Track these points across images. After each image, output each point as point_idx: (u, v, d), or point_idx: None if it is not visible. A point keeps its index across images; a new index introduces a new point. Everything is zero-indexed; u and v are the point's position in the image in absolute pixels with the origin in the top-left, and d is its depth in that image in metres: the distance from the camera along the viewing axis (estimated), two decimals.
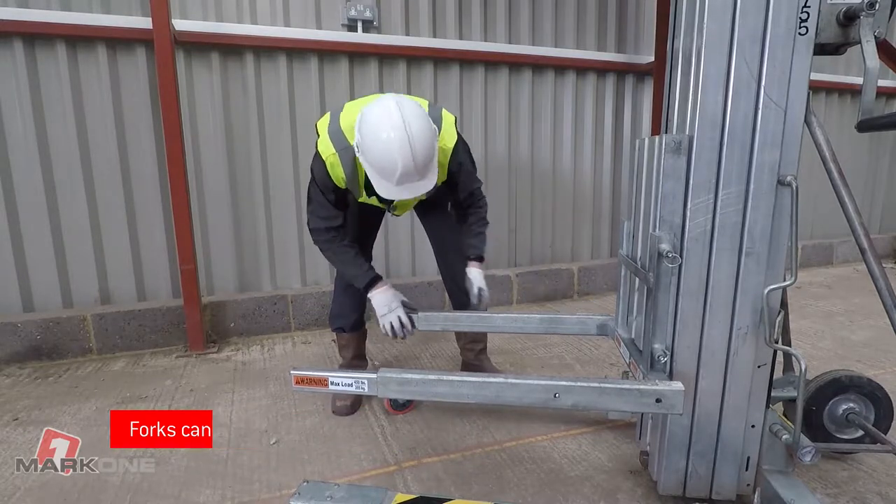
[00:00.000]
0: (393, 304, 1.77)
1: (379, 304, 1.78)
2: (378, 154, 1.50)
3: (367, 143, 1.51)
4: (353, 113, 1.66)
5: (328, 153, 1.68)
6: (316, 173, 1.75)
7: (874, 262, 1.14)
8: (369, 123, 1.51)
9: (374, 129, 1.50)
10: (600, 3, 3.66)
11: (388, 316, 1.76)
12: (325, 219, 1.80)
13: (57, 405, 2.09)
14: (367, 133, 1.51)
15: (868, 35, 1.14)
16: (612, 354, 2.57)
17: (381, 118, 1.49)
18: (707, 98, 1.17)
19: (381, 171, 1.53)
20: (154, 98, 2.71)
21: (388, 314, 1.76)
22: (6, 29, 2.43)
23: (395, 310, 1.76)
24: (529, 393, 1.19)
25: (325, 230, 1.81)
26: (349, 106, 1.76)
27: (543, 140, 3.66)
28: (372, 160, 1.53)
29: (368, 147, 1.51)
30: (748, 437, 1.31)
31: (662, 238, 1.22)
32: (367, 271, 1.81)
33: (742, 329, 1.25)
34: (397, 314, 1.76)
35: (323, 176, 1.73)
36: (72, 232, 2.70)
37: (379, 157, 1.50)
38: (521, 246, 3.75)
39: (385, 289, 1.80)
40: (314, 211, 1.82)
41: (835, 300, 3.59)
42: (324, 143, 1.71)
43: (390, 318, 1.76)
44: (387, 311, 1.76)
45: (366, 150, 1.53)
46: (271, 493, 1.52)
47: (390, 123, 1.47)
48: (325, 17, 3.01)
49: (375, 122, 1.50)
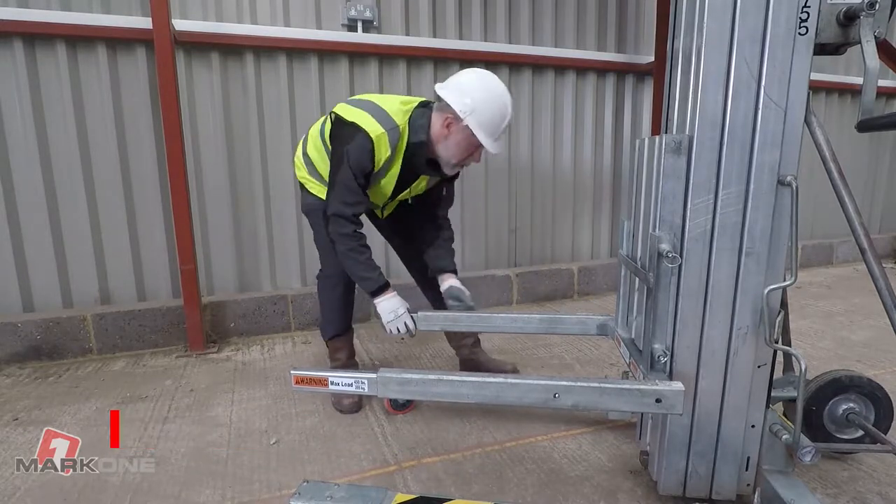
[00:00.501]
0: (399, 310, 1.84)
1: (385, 311, 1.84)
2: (496, 108, 1.74)
3: (483, 101, 1.72)
4: (393, 104, 1.81)
5: (378, 132, 1.74)
6: (353, 154, 1.75)
7: (874, 262, 1.14)
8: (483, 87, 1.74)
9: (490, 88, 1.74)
10: (600, 3, 3.66)
11: (395, 322, 1.83)
12: (352, 204, 1.80)
13: (57, 405, 2.09)
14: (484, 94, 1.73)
15: (868, 35, 1.14)
16: (612, 354, 2.57)
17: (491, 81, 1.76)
18: (707, 98, 1.17)
19: (493, 124, 1.75)
20: (154, 98, 2.71)
21: (394, 320, 1.83)
22: (6, 29, 2.43)
23: (402, 316, 1.83)
24: (529, 393, 1.19)
25: (350, 217, 1.80)
26: (383, 98, 1.86)
27: (543, 140, 3.66)
28: (489, 115, 1.73)
29: (486, 105, 1.72)
30: (748, 437, 1.31)
31: (662, 238, 1.22)
32: (379, 277, 1.84)
33: (742, 329, 1.25)
34: (404, 320, 1.83)
35: (363, 156, 1.75)
36: (72, 232, 2.70)
37: (496, 111, 1.74)
38: (521, 246, 3.75)
39: (392, 295, 1.85)
40: (340, 196, 1.79)
41: (835, 300, 3.59)
42: (368, 122, 1.74)
43: (397, 324, 1.83)
44: (393, 317, 1.83)
45: (481, 109, 1.72)
46: (271, 493, 1.52)
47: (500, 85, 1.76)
48: (325, 17, 3.01)
49: (488, 85, 1.75)
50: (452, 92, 1.74)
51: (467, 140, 1.78)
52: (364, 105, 1.82)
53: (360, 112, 1.78)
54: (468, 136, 1.76)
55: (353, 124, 1.76)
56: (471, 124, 1.73)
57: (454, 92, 1.74)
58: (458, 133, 1.77)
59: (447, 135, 1.79)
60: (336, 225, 1.81)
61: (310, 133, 2.07)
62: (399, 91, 3.20)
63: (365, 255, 1.84)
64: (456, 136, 1.78)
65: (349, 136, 1.76)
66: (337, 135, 1.84)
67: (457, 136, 1.78)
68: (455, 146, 1.80)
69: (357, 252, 1.83)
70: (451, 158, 1.83)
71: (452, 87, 1.76)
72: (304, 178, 2.07)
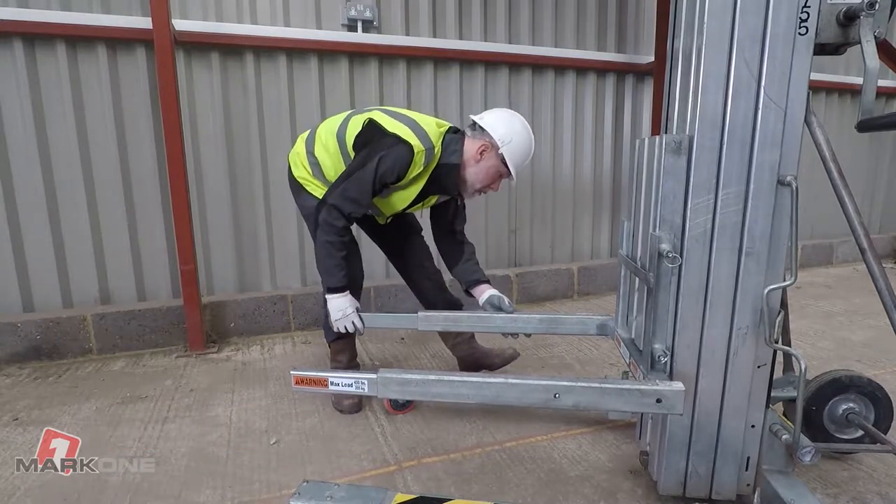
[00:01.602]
0: (348, 310, 1.90)
1: (334, 309, 1.90)
2: (527, 144, 1.91)
3: (518, 135, 1.89)
4: (431, 126, 1.92)
5: (419, 149, 1.81)
6: (388, 161, 1.78)
7: (874, 262, 1.14)
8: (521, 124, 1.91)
9: (525, 126, 1.92)
10: (600, 3, 3.66)
11: (343, 321, 1.90)
12: (355, 204, 1.81)
13: (57, 405, 2.09)
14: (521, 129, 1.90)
15: (868, 35, 1.14)
16: (612, 354, 2.57)
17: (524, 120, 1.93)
18: (707, 98, 1.17)
19: (522, 156, 1.91)
20: (154, 98, 2.71)
21: (342, 318, 1.90)
22: (6, 29, 2.43)
23: (350, 315, 1.90)
24: (529, 393, 1.19)
25: (346, 214, 1.82)
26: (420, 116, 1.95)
27: (543, 140, 3.66)
28: (520, 149, 1.90)
29: (520, 139, 1.89)
30: (748, 437, 1.31)
31: (662, 238, 1.22)
32: (342, 278, 1.89)
33: (742, 329, 1.25)
34: (351, 319, 1.91)
35: (397, 166, 1.79)
36: (72, 232, 2.70)
37: (526, 146, 1.91)
38: (521, 246, 3.75)
39: (344, 296, 1.90)
40: (348, 192, 1.80)
41: (835, 300, 3.59)
42: (410, 136, 1.81)
43: (344, 323, 1.90)
44: (341, 315, 1.90)
45: (517, 142, 1.88)
46: (271, 493, 1.52)
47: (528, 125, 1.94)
48: (325, 17, 3.01)
49: (523, 123, 1.92)
50: (494, 123, 1.88)
51: (496, 168, 1.90)
52: (404, 119, 1.89)
53: (402, 125, 1.85)
54: (498, 165, 1.89)
55: (395, 135, 1.81)
56: (506, 153, 1.85)
57: (496, 123, 1.88)
58: (489, 160, 1.89)
59: (479, 160, 1.90)
60: (330, 215, 1.81)
61: (319, 132, 2.03)
62: (399, 91, 3.21)
63: (341, 255, 1.87)
64: (487, 162, 1.90)
65: (388, 144, 1.80)
66: (370, 140, 1.85)
67: (488, 163, 1.90)
68: (484, 172, 1.91)
69: (335, 248, 1.85)
70: (476, 183, 1.94)
71: (493, 119, 1.89)
72: (306, 180, 2.04)
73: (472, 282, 2.13)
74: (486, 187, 1.97)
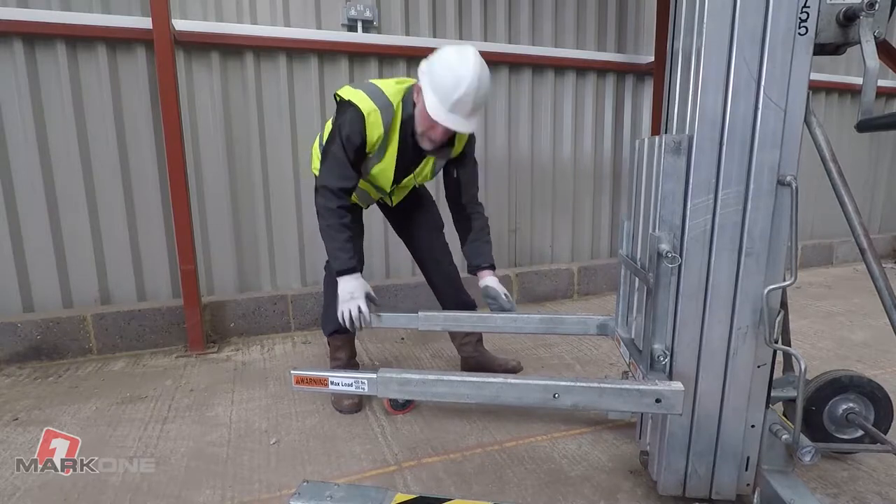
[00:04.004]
0: (356, 292, 1.76)
1: (343, 290, 1.77)
2: (447, 72, 1.61)
3: (438, 63, 1.64)
4: (391, 85, 1.77)
5: (369, 108, 1.72)
6: (344, 127, 1.74)
7: (874, 262, 1.14)
8: (446, 51, 1.65)
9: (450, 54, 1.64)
10: (600, 3, 3.66)
11: (349, 303, 1.75)
12: (340, 178, 1.79)
13: (57, 405, 2.09)
14: (442, 57, 1.64)
15: (868, 35, 1.14)
16: (612, 354, 2.57)
17: (459, 49, 1.64)
18: (707, 98, 1.17)
19: (443, 89, 1.62)
20: (154, 98, 2.71)
21: (349, 301, 1.75)
22: (6, 29, 2.43)
23: (357, 298, 1.75)
24: (529, 393, 1.19)
25: (336, 192, 1.78)
26: (383, 81, 1.82)
27: (543, 140, 3.66)
28: (439, 78, 1.63)
29: (439, 65, 1.63)
30: (748, 437, 1.31)
31: (662, 238, 1.22)
32: (349, 259, 1.80)
33: (742, 329, 1.25)
34: (357, 303, 1.75)
35: (353, 130, 1.73)
36: (72, 232, 2.70)
37: (447, 74, 1.61)
38: (521, 246, 3.75)
39: (355, 277, 1.79)
40: (330, 168, 1.79)
41: (835, 300, 3.59)
42: (362, 99, 1.73)
43: (350, 306, 1.75)
44: (349, 297, 1.75)
45: (434, 70, 1.64)
46: (271, 493, 1.52)
47: (466, 54, 1.63)
48: (325, 17, 3.01)
49: (453, 50, 1.64)
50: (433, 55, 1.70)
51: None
52: (363, 85, 1.81)
53: (357, 91, 1.78)
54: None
55: (349, 101, 1.76)
56: (423, 84, 1.68)
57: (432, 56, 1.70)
58: (421, 101, 1.71)
59: (416, 104, 1.76)
60: (323, 198, 1.81)
61: (326, 125, 2.06)
62: None
63: (344, 235, 1.80)
64: (420, 104, 1.73)
65: (342, 112, 1.78)
66: (336, 113, 1.86)
67: (420, 105, 1.73)
68: (420, 115, 1.74)
69: (335, 230, 1.79)
70: (418, 128, 1.77)
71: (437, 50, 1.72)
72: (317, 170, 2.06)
73: (473, 265, 2.06)
74: (426, 134, 1.76)
